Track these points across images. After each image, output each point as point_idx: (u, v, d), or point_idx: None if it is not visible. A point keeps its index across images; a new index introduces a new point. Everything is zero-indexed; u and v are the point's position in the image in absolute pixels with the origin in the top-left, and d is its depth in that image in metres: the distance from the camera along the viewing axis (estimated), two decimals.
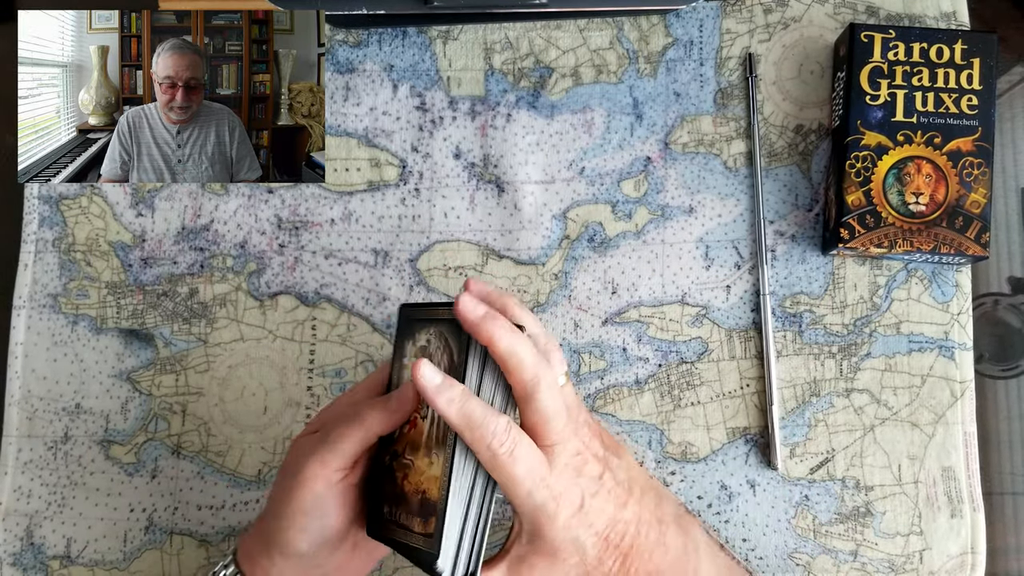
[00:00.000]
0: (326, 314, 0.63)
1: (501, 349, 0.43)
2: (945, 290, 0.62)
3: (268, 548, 0.47)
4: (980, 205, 0.58)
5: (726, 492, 0.60)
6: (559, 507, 0.43)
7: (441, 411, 0.42)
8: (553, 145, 0.64)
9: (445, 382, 0.42)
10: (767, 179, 0.63)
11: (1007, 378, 0.63)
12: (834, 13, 0.65)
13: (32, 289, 0.64)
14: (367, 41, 0.66)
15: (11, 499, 0.61)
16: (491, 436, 0.42)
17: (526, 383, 0.43)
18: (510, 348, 0.43)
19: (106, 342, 0.63)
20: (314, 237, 0.64)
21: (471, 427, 0.42)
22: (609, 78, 0.65)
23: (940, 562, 0.59)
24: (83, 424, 0.62)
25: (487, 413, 0.42)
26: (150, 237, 0.64)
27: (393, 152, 0.64)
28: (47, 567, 0.61)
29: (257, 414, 0.62)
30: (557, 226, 0.63)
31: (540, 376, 0.43)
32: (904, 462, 0.60)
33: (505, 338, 0.43)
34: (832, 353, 0.61)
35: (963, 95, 0.59)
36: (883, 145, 0.59)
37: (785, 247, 0.63)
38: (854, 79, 0.60)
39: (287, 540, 0.46)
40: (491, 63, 0.65)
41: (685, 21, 0.65)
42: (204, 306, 0.63)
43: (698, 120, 0.64)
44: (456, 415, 0.42)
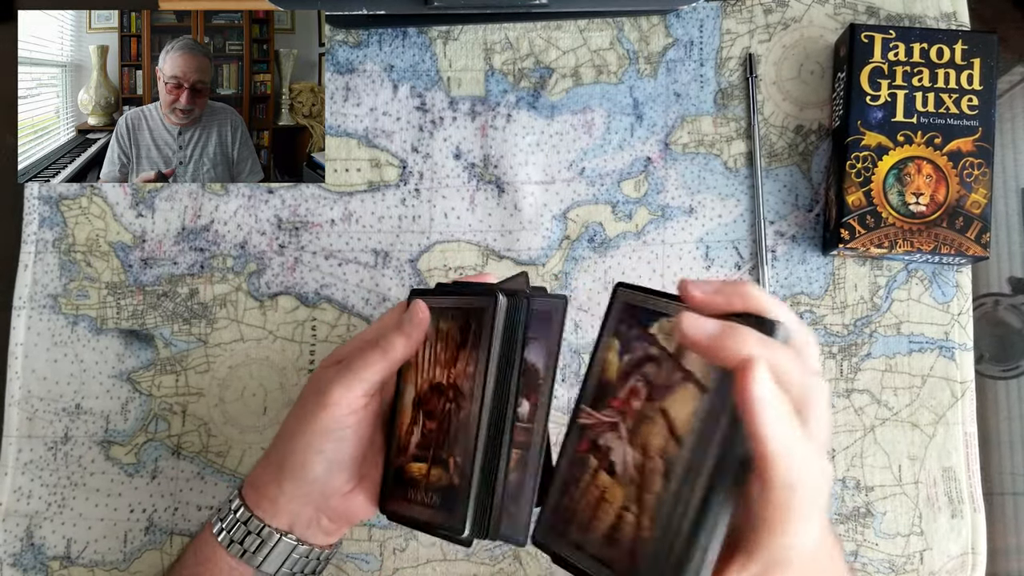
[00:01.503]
0: (326, 315, 0.63)
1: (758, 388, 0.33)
2: (945, 290, 0.62)
3: (279, 474, 0.47)
4: (980, 205, 0.58)
5: None
6: (799, 558, 0.36)
7: (760, 429, 0.33)
8: (553, 145, 0.64)
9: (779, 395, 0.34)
10: (767, 179, 0.63)
11: (1007, 378, 0.63)
12: (834, 13, 0.65)
13: (32, 289, 0.63)
14: (367, 41, 0.65)
15: (11, 500, 0.61)
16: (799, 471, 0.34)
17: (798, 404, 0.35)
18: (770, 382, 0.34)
19: (106, 342, 0.63)
20: (314, 237, 0.64)
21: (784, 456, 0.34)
22: (609, 78, 0.65)
23: (940, 562, 0.59)
24: (83, 424, 0.62)
25: (801, 441, 0.34)
26: (150, 237, 0.64)
27: (393, 152, 0.64)
28: (47, 567, 0.61)
29: (257, 415, 0.62)
30: (557, 226, 0.63)
31: (813, 400, 0.35)
32: (904, 462, 0.60)
33: (762, 372, 0.34)
34: (832, 353, 0.61)
35: (963, 95, 0.59)
36: (883, 145, 0.59)
37: (785, 247, 0.63)
38: (854, 79, 0.60)
39: (302, 462, 0.46)
40: (491, 63, 0.65)
41: (685, 21, 0.65)
42: (204, 306, 0.63)
43: (698, 120, 0.64)
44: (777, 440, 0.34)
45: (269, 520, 0.48)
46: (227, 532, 0.48)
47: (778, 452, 0.33)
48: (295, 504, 0.47)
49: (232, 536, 0.48)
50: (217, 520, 0.49)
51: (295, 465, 0.47)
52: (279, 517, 0.48)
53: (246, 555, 0.47)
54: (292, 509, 0.48)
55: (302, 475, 0.47)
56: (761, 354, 0.34)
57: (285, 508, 0.47)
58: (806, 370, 0.36)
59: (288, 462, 0.47)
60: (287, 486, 0.47)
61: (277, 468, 0.48)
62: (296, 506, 0.47)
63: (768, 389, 0.33)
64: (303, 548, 0.48)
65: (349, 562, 0.61)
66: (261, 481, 0.49)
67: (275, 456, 0.49)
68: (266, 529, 0.47)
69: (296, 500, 0.47)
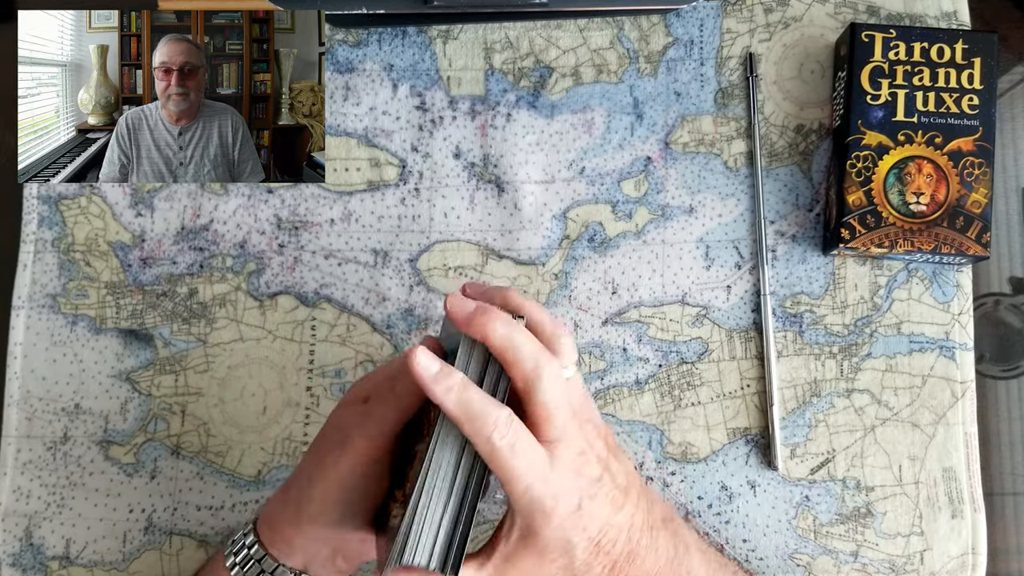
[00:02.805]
0: (326, 314, 0.63)
1: (496, 341, 0.41)
2: (946, 290, 0.62)
3: (297, 517, 0.47)
4: (981, 205, 0.58)
5: (726, 493, 0.60)
6: (556, 506, 0.42)
7: (438, 400, 0.41)
8: (553, 145, 0.64)
9: (443, 370, 0.41)
10: (768, 179, 0.63)
11: (1008, 378, 0.63)
12: (835, 13, 0.65)
13: (31, 289, 0.63)
14: (367, 41, 0.65)
15: (10, 500, 0.61)
16: (491, 428, 0.40)
17: (526, 374, 0.42)
18: (506, 339, 0.41)
19: (105, 342, 0.63)
20: (314, 237, 0.64)
21: (470, 418, 0.40)
22: (609, 78, 0.65)
23: (941, 563, 0.59)
24: (82, 424, 0.62)
25: (487, 403, 0.41)
26: (149, 237, 0.64)
27: (393, 152, 0.64)
28: (46, 568, 0.61)
29: (256, 414, 0.62)
30: (557, 226, 0.63)
31: (541, 367, 0.42)
32: (905, 462, 0.60)
33: (500, 329, 0.41)
34: (833, 353, 0.61)
35: (964, 95, 0.59)
36: (884, 145, 0.59)
37: (786, 247, 0.63)
38: (855, 79, 0.60)
39: (322, 510, 0.46)
40: (491, 63, 0.65)
41: (685, 21, 0.65)
42: (204, 306, 0.63)
43: (698, 120, 0.64)
44: (454, 404, 0.40)
45: (284, 560, 0.47)
46: (240, 568, 0.48)
47: (456, 415, 0.40)
48: (312, 545, 0.47)
49: (245, 573, 0.47)
50: (231, 555, 0.48)
51: (314, 512, 0.46)
52: (295, 557, 0.47)
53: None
54: (309, 549, 0.47)
55: (321, 521, 0.46)
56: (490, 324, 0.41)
57: (301, 548, 0.47)
58: (539, 351, 0.42)
59: (307, 508, 0.47)
60: (306, 528, 0.47)
61: (295, 510, 0.47)
62: (313, 547, 0.47)
63: (430, 364, 0.41)
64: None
65: None
66: (278, 521, 0.48)
67: (293, 497, 0.48)
68: (280, 568, 0.47)
69: (314, 542, 0.47)
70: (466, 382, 0.41)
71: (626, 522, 0.45)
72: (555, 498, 0.42)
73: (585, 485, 0.43)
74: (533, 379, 0.42)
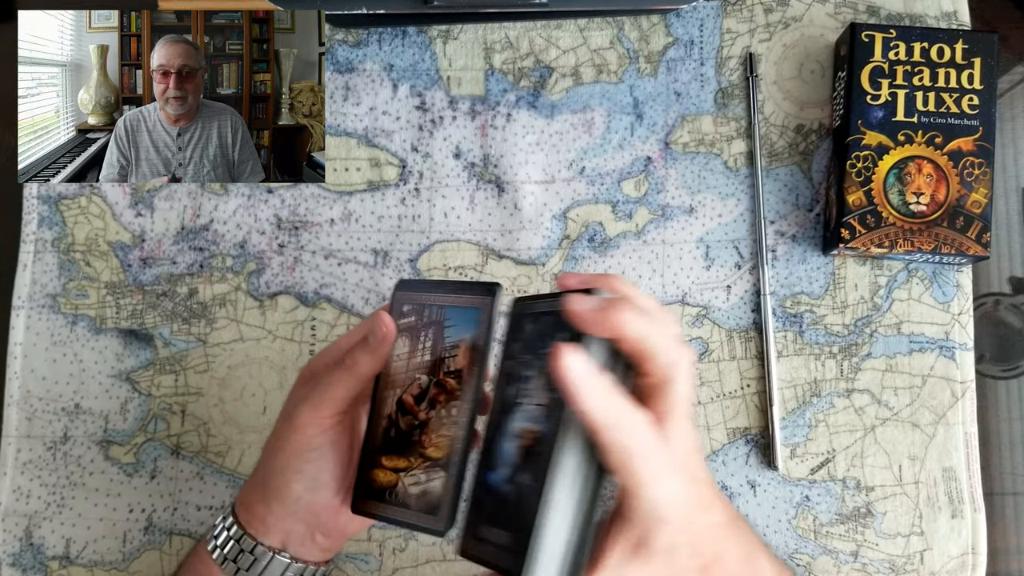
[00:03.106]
0: (326, 314, 0.63)
1: (633, 336, 0.38)
2: (946, 290, 0.62)
3: (265, 495, 0.47)
4: (981, 205, 0.58)
5: (727, 492, 0.60)
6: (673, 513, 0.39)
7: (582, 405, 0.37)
8: (553, 145, 0.64)
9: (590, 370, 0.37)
10: (768, 179, 0.63)
11: (1008, 378, 0.63)
12: (835, 13, 0.65)
13: (31, 289, 0.63)
14: (367, 41, 0.65)
15: (10, 499, 0.61)
16: (630, 437, 0.37)
17: (665, 369, 0.38)
18: (643, 333, 0.38)
19: (105, 342, 0.63)
20: (314, 237, 0.64)
21: (613, 425, 0.37)
22: (609, 78, 0.65)
23: (941, 563, 0.59)
24: (82, 424, 0.62)
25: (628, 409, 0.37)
26: (149, 237, 0.64)
27: (393, 152, 0.64)
28: (46, 567, 0.61)
29: (256, 414, 0.62)
30: (557, 226, 0.63)
31: (680, 361, 0.38)
32: (905, 462, 0.60)
33: (636, 323, 0.38)
34: (833, 353, 0.61)
35: (964, 95, 0.59)
36: (884, 145, 0.59)
37: (786, 247, 0.63)
38: (855, 79, 0.60)
39: (282, 483, 0.46)
40: (491, 63, 0.65)
41: (685, 21, 0.65)
42: (204, 306, 0.63)
43: (699, 120, 0.64)
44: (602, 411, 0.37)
45: (261, 538, 0.47)
46: (220, 550, 0.48)
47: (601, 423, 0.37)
48: (285, 523, 0.47)
49: (226, 554, 0.48)
50: (212, 537, 0.49)
51: (277, 486, 0.47)
52: (271, 535, 0.47)
53: (239, 573, 0.47)
54: (283, 527, 0.47)
55: (285, 495, 0.47)
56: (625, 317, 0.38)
57: (275, 527, 0.47)
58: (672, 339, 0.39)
59: (270, 483, 0.47)
60: (273, 506, 0.47)
61: (262, 488, 0.48)
62: (287, 524, 0.47)
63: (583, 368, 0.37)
64: (297, 566, 0.48)
65: (349, 562, 0.61)
66: (249, 500, 0.48)
67: (260, 476, 0.49)
68: (259, 547, 0.47)
69: (285, 519, 0.47)
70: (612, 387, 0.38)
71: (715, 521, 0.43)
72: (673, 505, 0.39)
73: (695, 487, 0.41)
74: (673, 374, 0.39)
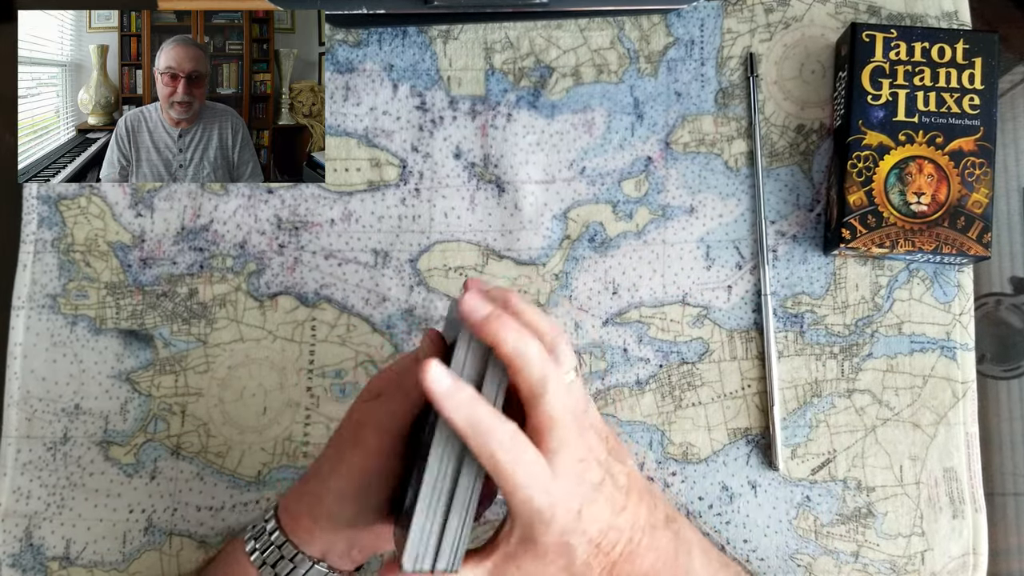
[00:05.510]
0: (326, 314, 0.63)
1: (508, 349, 0.41)
2: (947, 290, 0.62)
3: (314, 510, 0.48)
4: (982, 205, 0.58)
5: (727, 493, 0.60)
6: (556, 514, 0.42)
7: (447, 414, 0.41)
8: (553, 145, 0.64)
9: (455, 385, 0.41)
10: (768, 179, 0.63)
11: (1009, 379, 0.63)
12: (835, 12, 0.65)
13: (31, 289, 0.63)
14: (367, 41, 0.65)
15: (10, 500, 0.61)
16: (496, 444, 0.40)
17: (532, 385, 0.42)
18: (516, 348, 0.41)
19: (105, 343, 0.63)
20: (314, 237, 0.64)
21: (477, 433, 0.40)
22: (610, 78, 0.65)
23: (942, 563, 0.59)
24: (82, 425, 0.62)
25: (494, 419, 0.41)
26: (149, 237, 0.64)
27: (393, 152, 0.64)
28: (46, 568, 0.60)
29: (257, 415, 0.62)
30: (557, 226, 0.63)
31: (547, 378, 0.42)
32: (906, 463, 0.60)
33: (511, 337, 0.41)
34: (833, 353, 0.61)
35: (965, 95, 0.59)
36: (885, 145, 0.59)
37: (786, 247, 0.62)
38: (855, 79, 0.60)
39: (337, 508, 0.47)
40: (491, 63, 0.65)
41: (686, 21, 0.65)
42: (204, 306, 0.63)
43: (699, 120, 0.64)
44: (464, 421, 0.40)
45: (304, 547, 0.48)
46: (260, 552, 0.49)
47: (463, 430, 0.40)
48: (329, 537, 0.48)
49: (265, 558, 0.48)
50: (251, 539, 0.49)
51: (330, 507, 0.48)
52: (313, 546, 0.48)
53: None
54: (327, 539, 0.48)
55: (337, 516, 0.48)
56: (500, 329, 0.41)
57: (320, 539, 0.48)
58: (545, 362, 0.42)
59: (324, 501, 0.48)
60: (323, 522, 0.48)
61: (314, 503, 0.48)
62: (330, 538, 0.48)
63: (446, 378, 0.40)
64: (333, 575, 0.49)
65: None
66: (297, 511, 0.49)
67: (311, 489, 0.49)
68: (299, 556, 0.48)
69: (330, 533, 0.48)
70: (475, 398, 0.41)
71: (627, 523, 0.46)
72: (555, 507, 0.42)
73: (586, 491, 0.44)
74: (539, 390, 0.42)
